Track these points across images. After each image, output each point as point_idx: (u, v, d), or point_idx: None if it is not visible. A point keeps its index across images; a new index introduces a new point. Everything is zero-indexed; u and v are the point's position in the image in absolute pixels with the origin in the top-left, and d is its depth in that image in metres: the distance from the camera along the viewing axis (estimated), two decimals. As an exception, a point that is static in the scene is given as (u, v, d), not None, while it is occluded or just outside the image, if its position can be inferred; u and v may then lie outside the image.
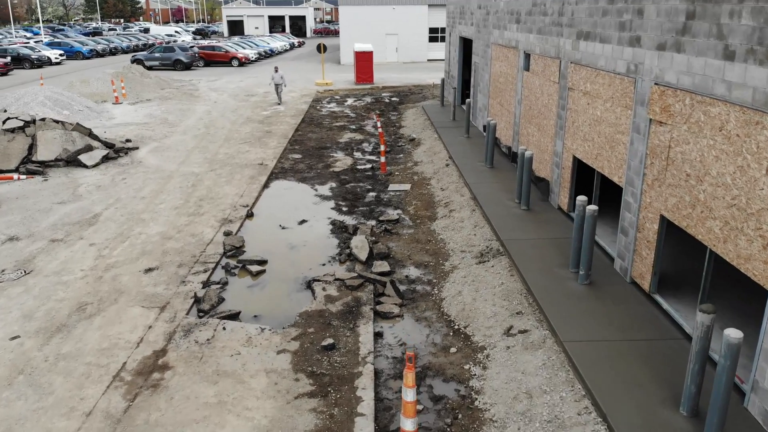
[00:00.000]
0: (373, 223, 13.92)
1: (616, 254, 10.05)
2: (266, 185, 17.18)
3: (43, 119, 19.23)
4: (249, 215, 14.59)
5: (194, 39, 78.13)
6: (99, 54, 59.36)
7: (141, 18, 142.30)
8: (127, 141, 21.54)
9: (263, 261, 11.93)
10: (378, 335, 9.31)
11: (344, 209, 15.13)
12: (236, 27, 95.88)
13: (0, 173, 17.33)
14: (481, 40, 20.99)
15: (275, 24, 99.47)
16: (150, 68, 44.58)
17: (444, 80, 28.25)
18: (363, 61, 37.85)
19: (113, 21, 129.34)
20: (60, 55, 52.62)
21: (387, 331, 9.46)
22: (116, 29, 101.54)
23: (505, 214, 12.77)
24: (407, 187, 16.74)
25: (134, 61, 46.94)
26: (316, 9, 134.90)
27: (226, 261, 11.94)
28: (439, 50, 54.02)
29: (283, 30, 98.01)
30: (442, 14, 48.48)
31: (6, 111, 21.75)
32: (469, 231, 12.64)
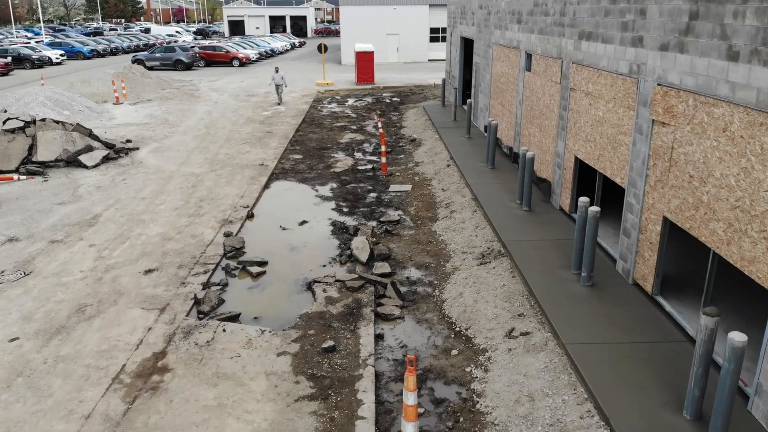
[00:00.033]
0: (374, 224, 13.87)
1: (619, 256, 10.00)
2: (267, 186, 17.14)
3: (44, 119, 19.19)
4: (249, 216, 14.55)
5: (195, 39, 78.17)
6: (100, 54, 59.39)
7: (142, 18, 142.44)
8: (128, 141, 21.50)
9: (263, 262, 11.88)
10: (379, 337, 9.26)
11: (345, 210, 15.09)
12: (237, 27, 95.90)
13: (0, 174, 17.30)
14: (483, 41, 20.93)
15: (276, 24, 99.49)
16: (151, 68, 44.59)
17: (445, 80, 28.21)
18: (364, 61, 37.79)
19: (114, 21, 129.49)
20: (61, 56, 52.64)
21: (388, 333, 9.41)
22: (117, 29, 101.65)
23: (507, 215, 12.72)
24: (408, 188, 16.69)
25: (135, 62, 46.95)
26: (317, 9, 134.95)
27: (227, 262, 11.90)
28: (440, 50, 54.01)
29: (284, 30, 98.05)
30: (443, 14, 48.42)
31: (6, 111, 21.73)
32: (471, 232, 12.58)
